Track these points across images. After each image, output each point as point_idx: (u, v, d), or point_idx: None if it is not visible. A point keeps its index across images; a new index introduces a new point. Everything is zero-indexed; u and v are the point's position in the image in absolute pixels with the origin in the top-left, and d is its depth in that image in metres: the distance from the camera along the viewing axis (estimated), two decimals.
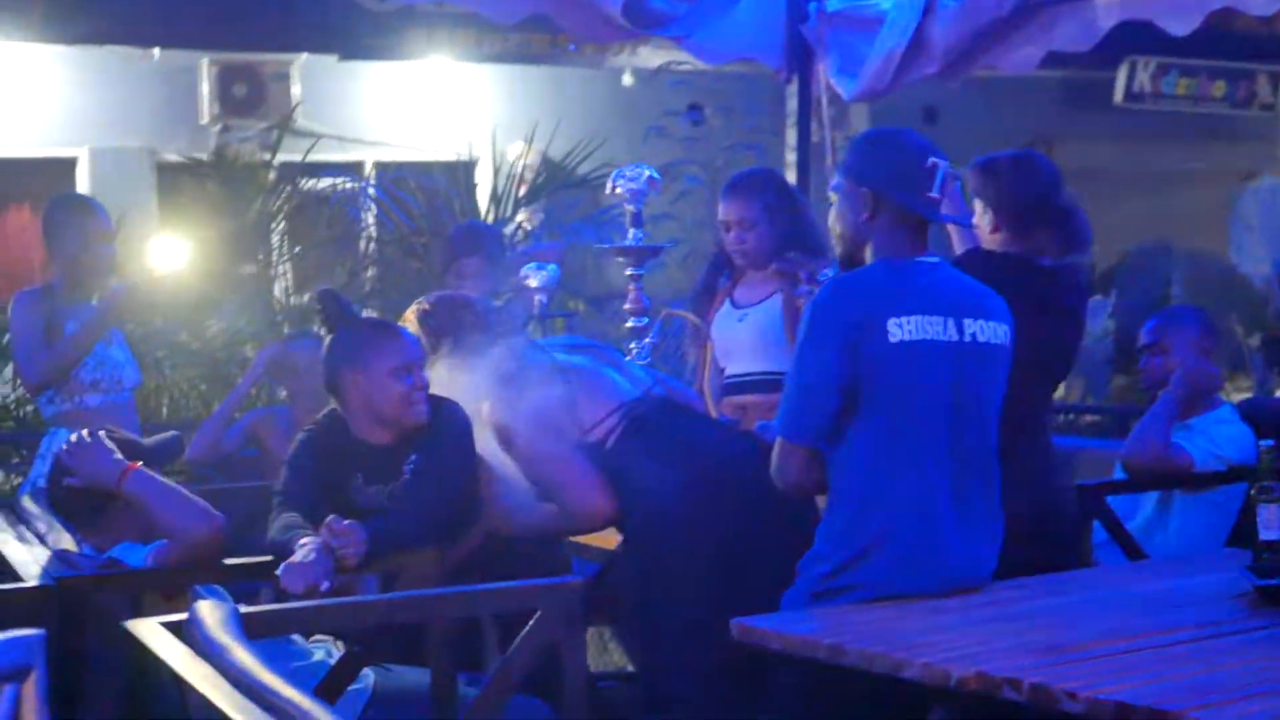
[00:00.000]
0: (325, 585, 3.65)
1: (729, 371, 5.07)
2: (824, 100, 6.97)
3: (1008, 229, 4.13)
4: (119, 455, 3.92)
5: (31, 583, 3.49)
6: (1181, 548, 4.70)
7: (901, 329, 3.48)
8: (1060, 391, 7.68)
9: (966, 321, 3.55)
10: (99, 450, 3.94)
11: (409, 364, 4.15)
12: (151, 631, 2.92)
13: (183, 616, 2.94)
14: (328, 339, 4.25)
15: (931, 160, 3.57)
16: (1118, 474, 4.85)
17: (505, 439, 4.15)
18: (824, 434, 3.54)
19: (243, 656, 2.63)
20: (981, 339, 3.56)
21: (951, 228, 4.12)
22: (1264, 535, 3.70)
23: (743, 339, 4.99)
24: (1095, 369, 7.40)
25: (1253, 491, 3.75)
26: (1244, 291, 7.62)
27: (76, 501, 3.98)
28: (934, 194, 3.56)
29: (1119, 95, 13.60)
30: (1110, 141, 14.04)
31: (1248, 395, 7.79)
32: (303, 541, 3.76)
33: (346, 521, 3.79)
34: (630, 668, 5.58)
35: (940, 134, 12.49)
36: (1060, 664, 2.98)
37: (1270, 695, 2.74)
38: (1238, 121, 14.52)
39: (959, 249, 4.25)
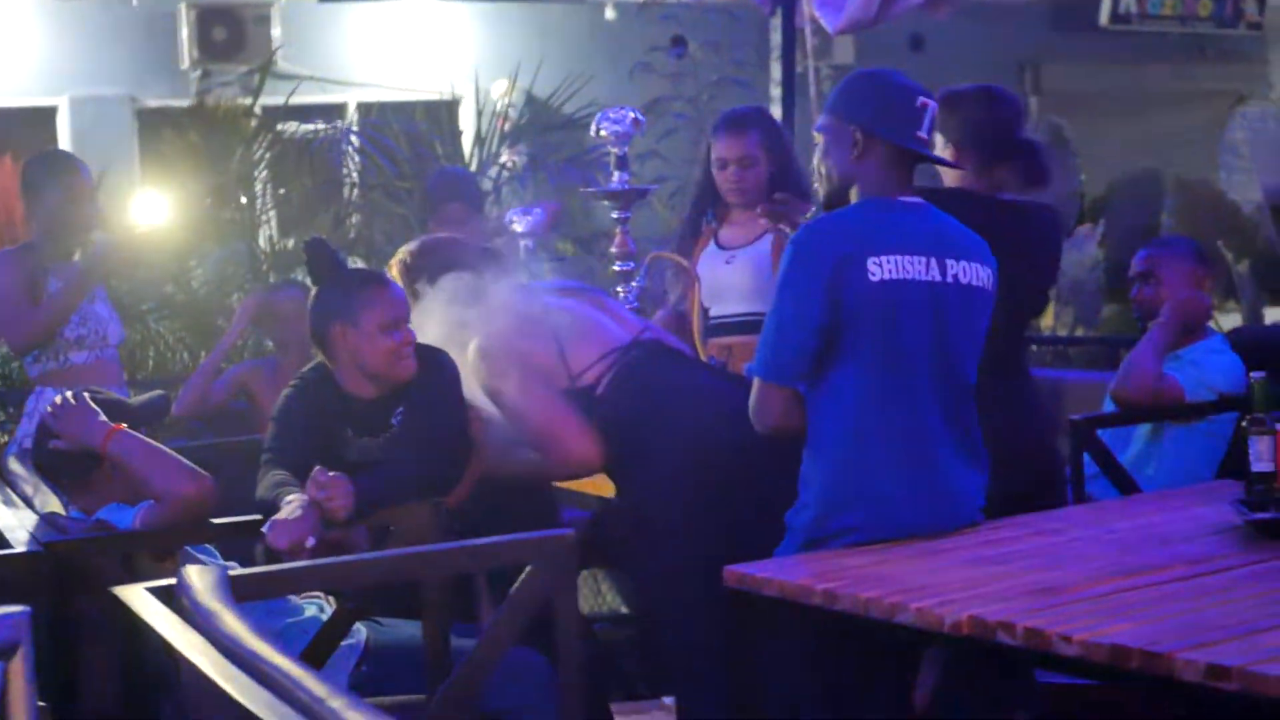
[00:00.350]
0: (312, 540, 3.63)
1: (715, 312, 5.05)
2: (808, 32, 6.91)
3: (970, 164, 4.08)
4: (103, 417, 3.89)
5: (20, 549, 3.46)
6: (1173, 479, 4.68)
7: (882, 268, 3.46)
8: (1050, 321, 7.70)
9: (949, 262, 3.53)
10: (83, 412, 3.91)
11: (398, 318, 4.11)
12: (140, 598, 2.90)
13: (171, 581, 2.93)
14: (315, 290, 4.20)
15: (921, 100, 3.54)
16: (1108, 406, 4.83)
17: (491, 385, 4.12)
18: (803, 375, 3.52)
19: (231, 622, 2.62)
20: (964, 280, 3.54)
21: (944, 170, 4.06)
22: (1255, 467, 3.69)
23: (732, 281, 4.96)
24: (1086, 299, 7.37)
25: (1244, 423, 3.75)
26: (1233, 218, 7.59)
27: (62, 463, 3.95)
28: (923, 133, 3.52)
29: (1105, 17, 13.54)
30: (1097, 64, 13.99)
31: (1237, 323, 7.79)
32: (289, 498, 3.74)
33: (331, 474, 3.77)
34: (624, 610, 5.61)
35: (927, 61, 12.52)
36: (1054, 606, 2.97)
37: (1261, 633, 2.74)
38: (1226, 41, 14.46)
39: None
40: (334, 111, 9.24)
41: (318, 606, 4.01)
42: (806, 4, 6.70)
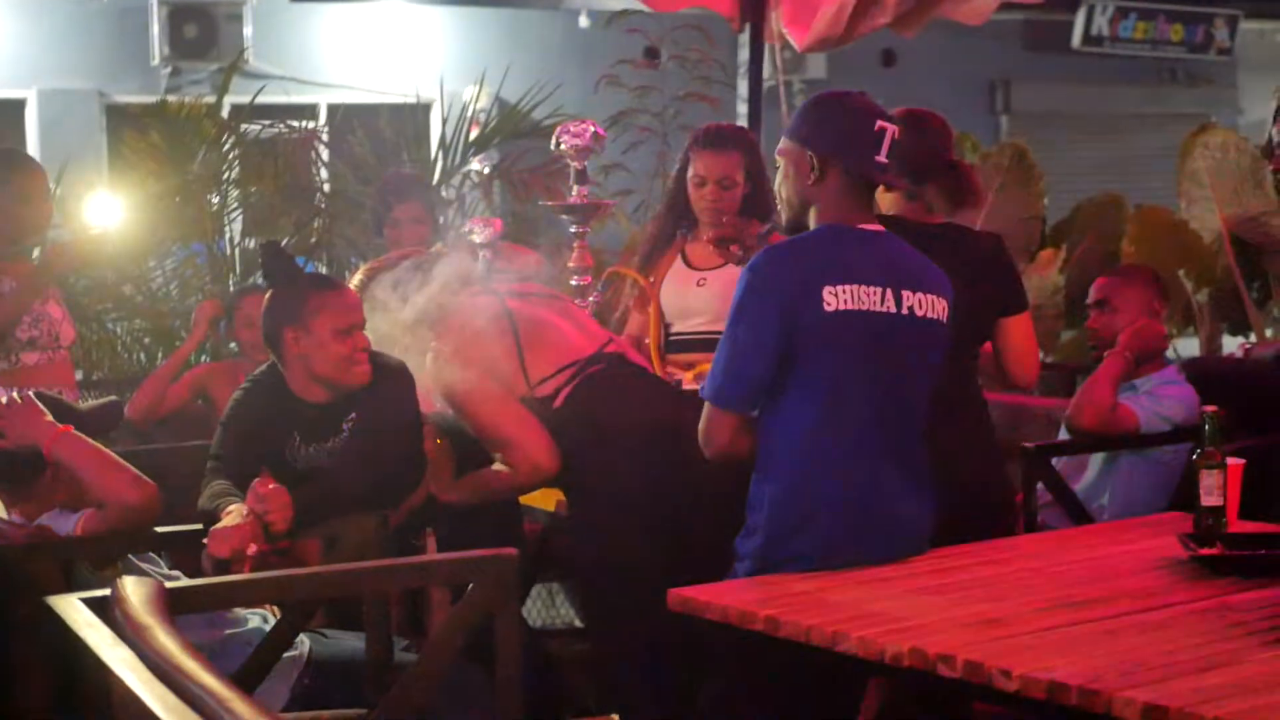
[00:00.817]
0: (254, 549, 3.60)
1: (677, 328, 4.98)
2: (777, 48, 6.90)
3: (900, 187, 4.06)
4: (50, 418, 3.85)
5: None
6: (1127, 508, 4.68)
7: (838, 298, 3.43)
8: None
9: (905, 293, 3.50)
10: (31, 412, 3.87)
11: (351, 324, 4.08)
12: (73, 609, 2.87)
13: (105, 593, 2.89)
14: (268, 294, 4.18)
15: (879, 124, 3.49)
16: (1063, 434, 4.82)
17: (448, 390, 4.09)
18: (753, 402, 3.50)
19: (162, 638, 2.58)
20: (919, 313, 3.51)
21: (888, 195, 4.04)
22: (1205, 501, 3.70)
23: (703, 303, 4.86)
24: (1046, 324, 7.37)
25: (1194, 458, 3.74)
26: (1193, 247, 7.60)
27: (3, 466, 3.91)
28: (882, 158, 3.49)
29: (1077, 39, 13.59)
30: (1068, 85, 14.03)
31: (1195, 351, 7.80)
32: (230, 509, 3.71)
33: (271, 486, 3.74)
34: (578, 624, 5.58)
35: (898, 77, 12.54)
36: (996, 639, 2.96)
37: (1202, 672, 2.72)
38: (1196, 65, 14.51)
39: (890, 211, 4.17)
40: (304, 112, 9.16)
41: (261, 617, 3.97)
42: (775, 21, 6.68)
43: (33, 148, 11.67)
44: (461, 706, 3.78)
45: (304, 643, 3.92)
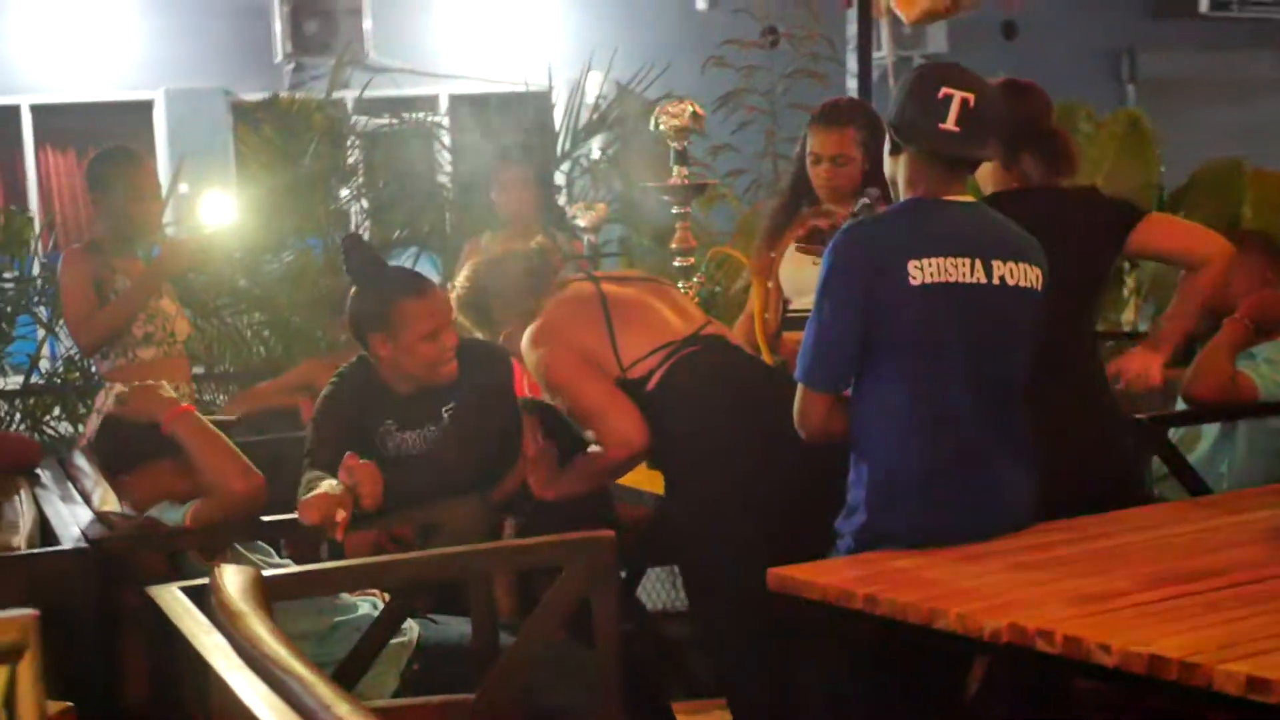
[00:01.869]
0: (342, 514, 3.62)
1: (796, 305, 4.92)
2: (884, 24, 6.84)
3: (986, 156, 3.98)
4: (173, 395, 3.93)
5: (67, 545, 3.49)
6: (1245, 478, 4.57)
7: (923, 271, 3.39)
8: (1131, 316, 7.55)
9: (995, 263, 3.44)
10: (153, 389, 3.95)
11: (438, 327, 4.10)
12: (172, 598, 2.91)
13: (204, 582, 2.93)
14: (353, 291, 4.20)
15: (944, 90, 3.42)
16: (1180, 405, 4.72)
17: (539, 368, 4.07)
18: (844, 381, 3.47)
19: (254, 626, 2.61)
20: (1010, 281, 3.45)
21: (985, 166, 3.95)
22: None
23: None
24: (1164, 294, 7.21)
25: None
26: None
27: (117, 454, 3.98)
28: (948, 126, 3.42)
29: (1205, 4, 13.30)
30: (1196, 51, 13.72)
31: None
32: (321, 484, 3.75)
33: (362, 461, 3.76)
34: None
35: (1020, 49, 12.33)
36: (1096, 614, 2.90)
37: None
38: None
39: (992, 187, 4.09)
40: (426, 104, 9.24)
41: (371, 604, 4.01)
42: None
43: (161, 148, 11.88)
44: (570, 688, 3.79)
45: (413, 628, 3.95)
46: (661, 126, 4.86)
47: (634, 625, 5.21)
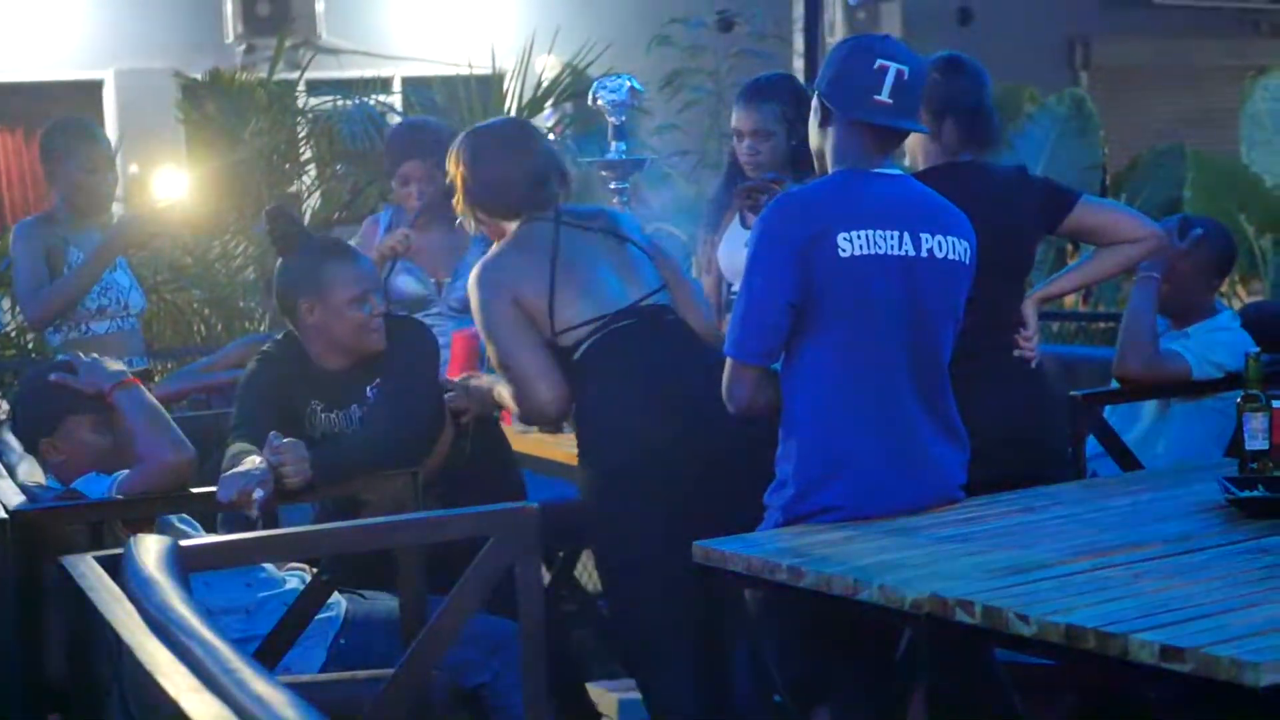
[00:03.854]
0: (260, 494, 3.59)
1: (736, 287, 4.90)
2: (834, 6, 6.85)
3: (932, 127, 3.97)
4: (120, 367, 3.90)
5: None
6: (1181, 457, 4.58)
7: (852, 244, 3.38)
8: (1072, 299, 7.57)
9: (924, 236, 3.43)
10: (104, 362, 3.92)
11: (366, 292, 4.07)
12: (87, 567, 2.88)
13: (119, 551, 2.90)
14: (280, 262, 4.17)
15: (880, 62, 3.39)
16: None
17: (475, 307, 4.01)
18: (774, 354, 3.46)
19: (165, 596, 2.58)
20: (939, 254, 3.44)
21: (914, 137, 3.95)
22: (1250, 445, 3.64)
23: None
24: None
25: (1239, 400, 3.66)
26: (1256, 192, 7.43)
27: (35, 415, 3.95)
28: (883, 98, 3.40)
29: None
30: (1148, 39, 13.79)
31: (1258, 299, 7.63)
32: (246, 460, 3.71)
33: (287, 440, 3.73)
34: None
35: (975, 35, 12.35)
36: (1018, 585, 2.91)
37: (1226, 613, 2.66)
38: (1278, 16, 14.21)
39: (921, 160, 4.09)
40: (380, 85, 9.19)
41: (299, 579, 3.97)
42: None
43: (111, 128, 11.80)
44: (500, 662, 3.77)
45: (341, 603, 3.92)
46: (599, 101, 4.84)
47: (574, 605, 5.21)
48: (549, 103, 7.59)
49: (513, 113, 7.45)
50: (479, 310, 3.99)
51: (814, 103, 3.55)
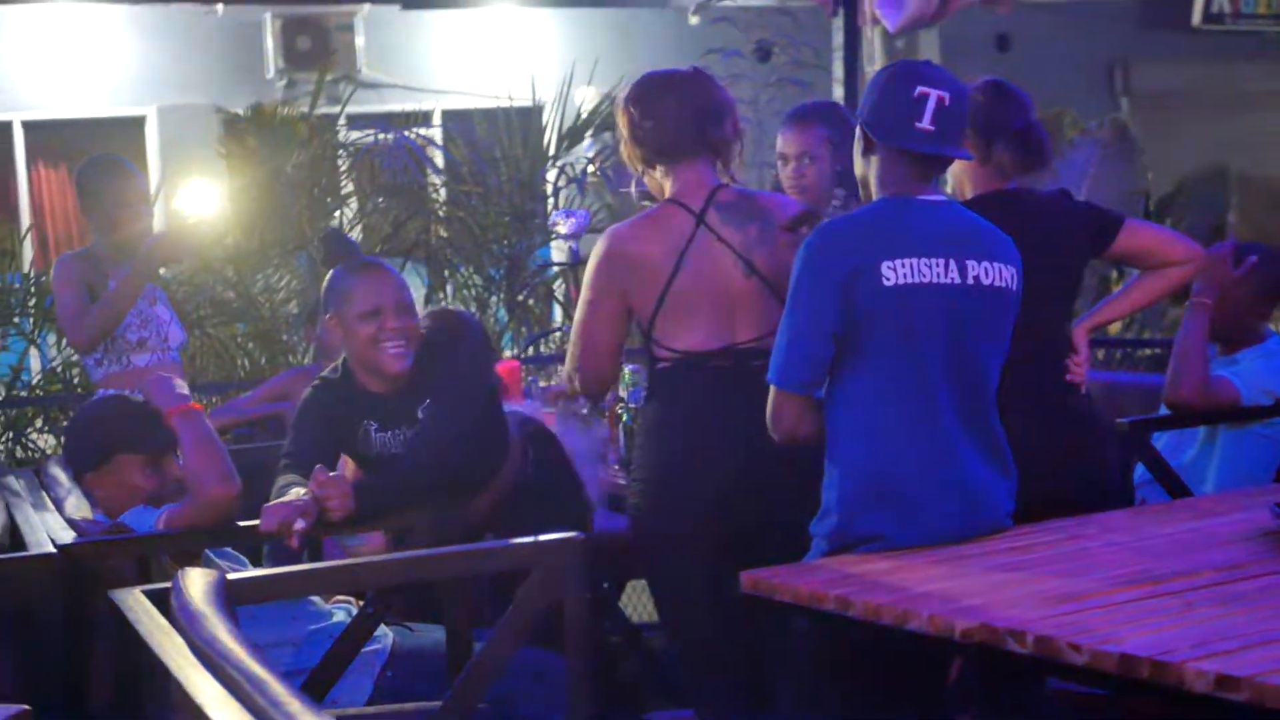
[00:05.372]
0: (301, 524, 3.58)
1: None
2: (875, 35, 6.85)
3: (980, 152, 3.95)
4: (184, 391, 3.91)
5: (35, 550, 3.46)
6: (1231, 484, 4.53)
7: (896, 272, 3.36)
8: (1117, 327, 7.52)
9: (970, 263, 3.42)
10: (172, 381, 3.93)
11: (378, 307, 4.02)
12: (135, 600, 2.88)
13: (167, 585, 2.90)
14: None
15: (920, 89, 3.39)
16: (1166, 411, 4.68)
17: (589, 265, 3.95)
18: (817, 383, 3.45)
19: (214, 628, 2.58)
20: (985, 281, 3.43)
21: (961, 164, 3.94)
22: None
23: None
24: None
25: None
26: None
27: (83, 448, 3.96)
28: (924, 124, 3.39)
29: (1197, 17, 13.32)
30: (1188, 64, 13.74)
31: None
32: (292, 491, 3.71)
33: (331, 474, 3.72)
34: None
35: (1013, 61, 12.35)
36: (1070, 613, 2.88)
37: (1276, 643, 2.63)
38: None
39: (969, 186, 4.07)
40: (419, 119, 9.23)
41: (346, 611, 3.98)
42: (868, 3, 6.62)
43: (153, 163, 11.88)
44: (545, 694, 3.75)
45: (387, 635, 3.92)
46: None
47: (619, 637, 5.19)
48: (589, 133, 7.60)
49: (551, 144, 7.46)
50: (587, 272, 3.91)
51: (857, 131, 3.54)
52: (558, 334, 6.40)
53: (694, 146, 3.92)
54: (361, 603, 3.91)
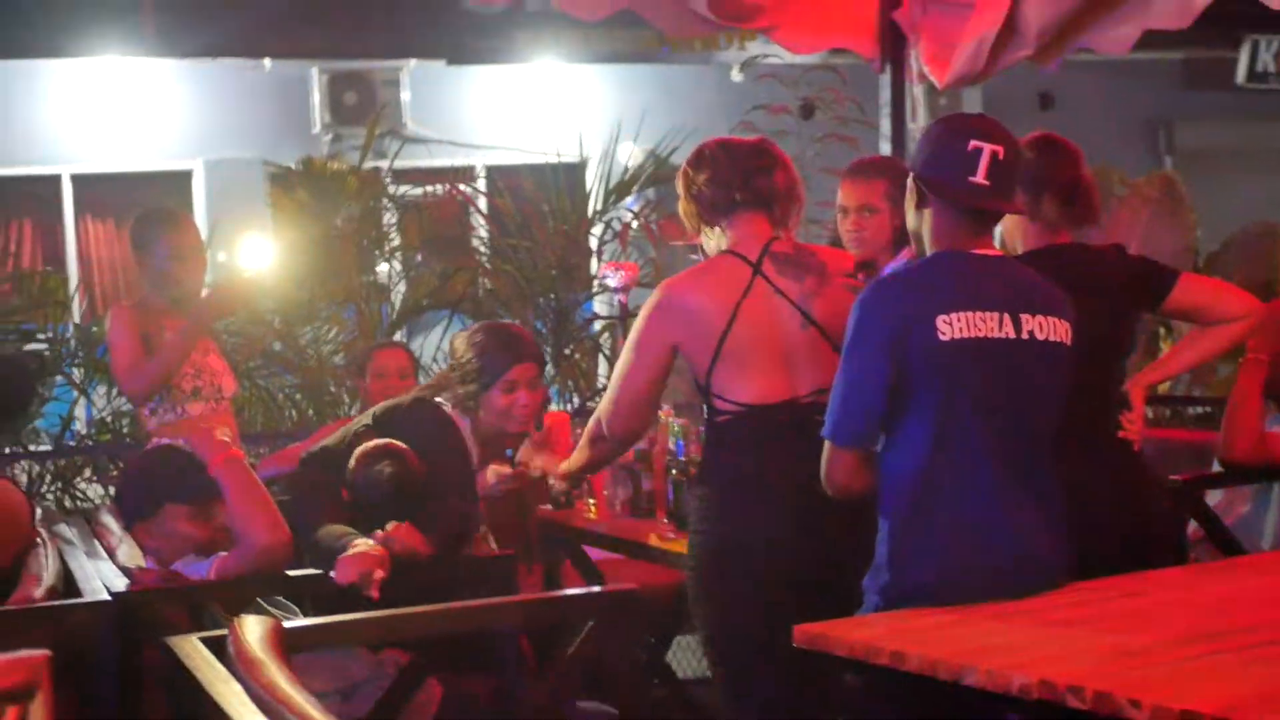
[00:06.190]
0: (380, 574, 3.64)
1: None
2: (917, 89, 6.86)
3: (1033, 206, 3.95)
4: (227, 440, 3.94)
5: (89, 597, 3.47)
6: None
7: (952, 326, 3.35)
8: (1165, 386, 7.49)
9: (1024, 317, 3.40)
10: (209, 431, 3.97)
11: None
12: (191, 648, 2.89)
13: (223, 632, 2.91)
14: None
15: (974, 143, 3.38)
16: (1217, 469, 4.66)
17: (639, 317, 3.98)
18: (871, 437, 3.43)
19: (272, 675, 2.58)
20: (1040, 336, 3.41)
21: (1012, 219, 3.93)
22: None
23: None
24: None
25: None
26: None
27: (136, 499, 3.98)
28: (978, 179, 3.38)
29: (1241, 75, 13.28)
30: (1232, 122, 13.71)
31: None
32: (357, 542, 3.74)
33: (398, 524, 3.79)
34: None
35: (1057, 119, 12.32)
36: (1130, 669, 2.85)
37: None
38: None
39: (1021, 240, 4.07)
40: (463, 174, 9.31)
41: (395, 661, 3.97)
42: (915, 59, 6.62)
43: (199, 217, 11.94)
44: None
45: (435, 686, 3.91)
46: None
47: (665, 690, 5.18)
48: (635, 188, 7.64)
49: (599, 200, 7.49)
50: (638, 321, 3.93)
51: (909, 184, 3.54)
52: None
53: (747, 200, 3.93)
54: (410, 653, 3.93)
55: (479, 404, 4.32)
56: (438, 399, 4.34)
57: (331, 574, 3.68)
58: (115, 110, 12.15)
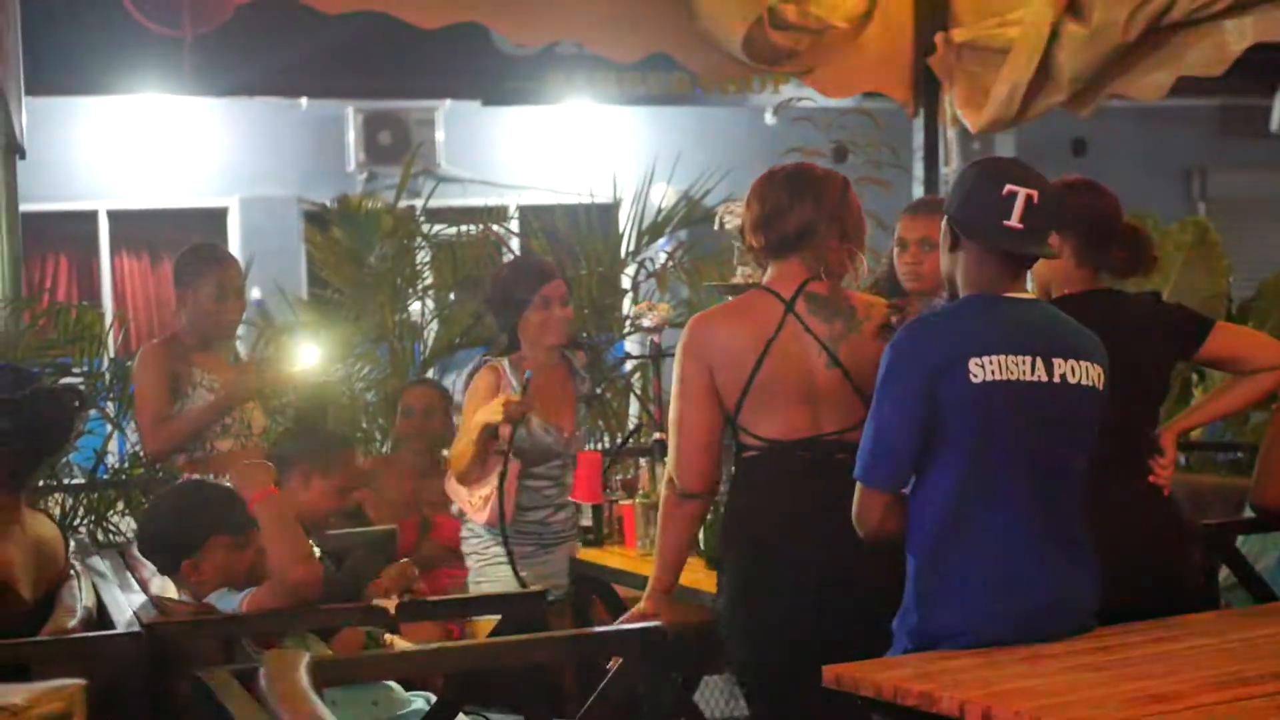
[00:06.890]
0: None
1: None
2: (951, 134, 6.89)
3: (1068, 250, 3.95)
4: (267, 476, 3.97)
5: (122, 629, 3.50)
6: None
7: (984, 369, 3.36)
8: (1199, 432, 7.48)
9: (1056, 361, 3.41)
10: (260, 469, 4.00)
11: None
12: (224, 682, 2.91)
13: (254, 665, 2.93)
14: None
15: (1009, 187, 3.39)
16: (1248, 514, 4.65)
17: (676, 360, 3.96)
18: (902, 479, 3.44)
19: (306, 709, 2.60)
20: (1072, 380, 3.42)
21: (1047, 263, 3.93)
22: None
23: None
24: None
25: None
26: None
27: (175, 541, 4.00)
28: (1012, 223, 3.40)
29: (1275, 123, 13.27)
30: (1266, 170, 13.71)
31: None
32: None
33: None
34: None
35: (1090, 165, 12.35)
36: (1157, 715, 2.86)
37: None
38: None
39: (1054, 284, 4.07)
40: (496, 214, 9.34)
41: (424, 700, 3.98)
42: (949, 104, 6.66)
43: (234, 253, 12.00)
44: None
45: None
46: (726, 225, 4.86)
47: None
48: (668, 229, 7.68)
49: (631, 241, 7.53)
50: (676, 360, 3.92)
51: (943, 226, 3.56)
52: (642, 429, 6.44)
53: (796, 240, 3.93)
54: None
55: (516, 337, 4.85)
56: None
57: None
58: (152, 147, 12.26)
